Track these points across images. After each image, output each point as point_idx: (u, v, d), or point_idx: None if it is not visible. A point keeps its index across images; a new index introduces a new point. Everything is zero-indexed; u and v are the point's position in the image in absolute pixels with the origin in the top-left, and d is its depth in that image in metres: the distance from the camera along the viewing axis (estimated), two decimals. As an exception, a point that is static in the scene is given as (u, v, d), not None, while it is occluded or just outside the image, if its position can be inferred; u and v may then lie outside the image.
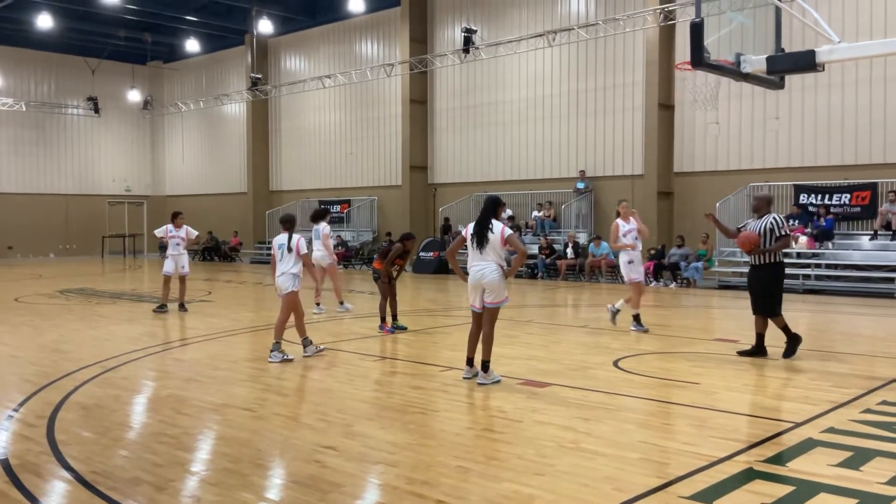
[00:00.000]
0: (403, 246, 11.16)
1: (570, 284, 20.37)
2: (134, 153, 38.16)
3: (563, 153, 23.82)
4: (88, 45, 34.16)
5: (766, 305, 9.00)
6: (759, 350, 9.07)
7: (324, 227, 13.44)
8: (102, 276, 24.29)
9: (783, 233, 8.92)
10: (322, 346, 9.48)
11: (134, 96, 36.07)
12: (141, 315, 13.76)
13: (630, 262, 11.24)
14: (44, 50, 33.95)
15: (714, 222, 10.02)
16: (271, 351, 9.06)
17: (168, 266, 13.97)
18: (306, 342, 9.30)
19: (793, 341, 9.01)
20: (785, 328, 9.01)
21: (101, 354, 9.46)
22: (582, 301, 16.87)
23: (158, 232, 14.40)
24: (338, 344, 10.10)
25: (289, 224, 9.17)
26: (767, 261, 8.96)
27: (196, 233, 14.55)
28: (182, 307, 13.97)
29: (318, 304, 13.63)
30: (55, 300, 16.36)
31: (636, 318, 11.25)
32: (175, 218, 14.16)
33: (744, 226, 9.36)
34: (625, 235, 11.19)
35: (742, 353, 9.18)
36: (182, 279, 14.09)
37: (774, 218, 9.00)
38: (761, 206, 9.20)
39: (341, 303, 13.88)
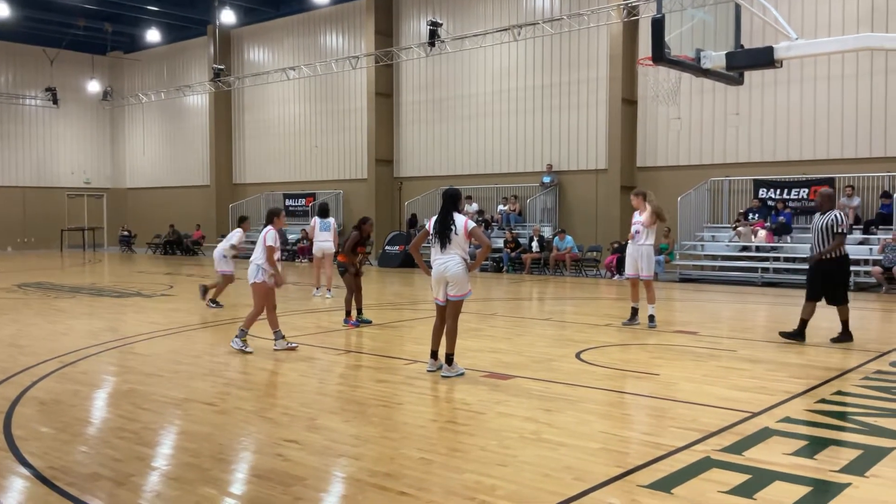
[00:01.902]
0: (361, 232, 11.12)
1: (534, 278, 20.49)
2: (93, 145, 37.52)
3: (528, 147, 23.93)
4: (47, 34, 33.44)
5: (834, 296, 9.43)
6: (845, 335, 9.52)
7: (332, 221, 15.36)
8: (61, 270, 23.85)
9: (840, 230, 9.29)
10: (294, 343, 9.40)
11: (93, 87, 35.43)
12: (100, 309, 13.56)
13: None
14: (0, 39, 33.20)
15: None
16: (235, 336, 9.13)
17: (232, 267, 13.45)
18: (278, 335, 9.28)
19: (846, 335, 9.52)
20: (846, 322, 9.53)
21: (59, 349, 9.32)
22: (546, 294, 16.98)
23: (239, 243, 13.22)
24: (302, 338, 10.05)
25: (267, 217, 9.40)
26: (832, 255, 9.36)
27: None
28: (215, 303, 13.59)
29: (328, 290, 15.18)
30: (13, 294, 16.05)
31: (634, 311, 11.31)
32: (244, 222, 13.44)
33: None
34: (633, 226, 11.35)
35: (834, 340, 9.51)
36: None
37: (836, 215, 9.38)
38: (824, 203, 9.62)
39: (317, 288, 15.51)
